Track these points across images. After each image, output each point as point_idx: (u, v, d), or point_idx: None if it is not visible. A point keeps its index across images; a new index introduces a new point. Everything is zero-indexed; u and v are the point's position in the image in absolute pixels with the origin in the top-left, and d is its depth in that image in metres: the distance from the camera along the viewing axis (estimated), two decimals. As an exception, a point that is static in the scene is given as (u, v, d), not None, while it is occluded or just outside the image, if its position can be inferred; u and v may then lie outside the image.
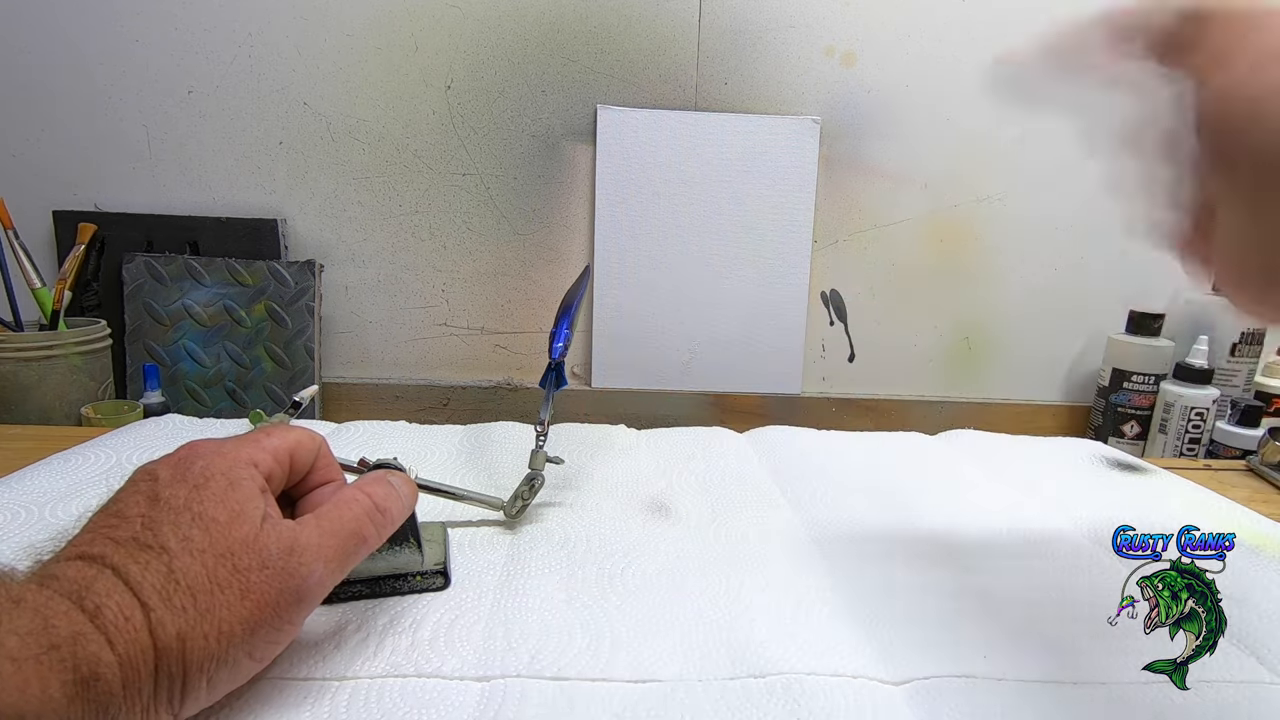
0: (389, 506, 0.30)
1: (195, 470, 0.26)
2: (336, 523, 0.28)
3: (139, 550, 0.23)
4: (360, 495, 0.29)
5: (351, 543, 0.28)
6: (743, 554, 0.39)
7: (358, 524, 0.28)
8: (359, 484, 0.30)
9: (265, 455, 0.28)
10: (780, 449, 0.55)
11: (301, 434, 0.30)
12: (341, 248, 0.89)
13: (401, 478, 0.33)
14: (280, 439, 0.29)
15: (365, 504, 0.29)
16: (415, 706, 0.27)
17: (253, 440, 0.28)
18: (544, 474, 0.41)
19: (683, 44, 0.86)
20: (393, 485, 0.31)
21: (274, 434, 0.29)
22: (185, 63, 0.83)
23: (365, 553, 0.29)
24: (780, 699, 0.28)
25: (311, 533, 0.26)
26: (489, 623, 0.32)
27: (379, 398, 0.91)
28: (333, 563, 0.27)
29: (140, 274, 0.83)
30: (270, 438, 0.29)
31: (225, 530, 0.24)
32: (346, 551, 0.27)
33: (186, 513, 0.24)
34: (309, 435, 0.31)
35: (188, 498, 0.25)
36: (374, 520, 0.29)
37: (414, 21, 0.84)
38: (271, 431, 0.30)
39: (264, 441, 0.29)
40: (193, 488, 0.25)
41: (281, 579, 0.25)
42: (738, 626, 0.32)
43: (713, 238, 0.90)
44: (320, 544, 0.26)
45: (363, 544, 0.28)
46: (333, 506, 0.28)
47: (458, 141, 0.87)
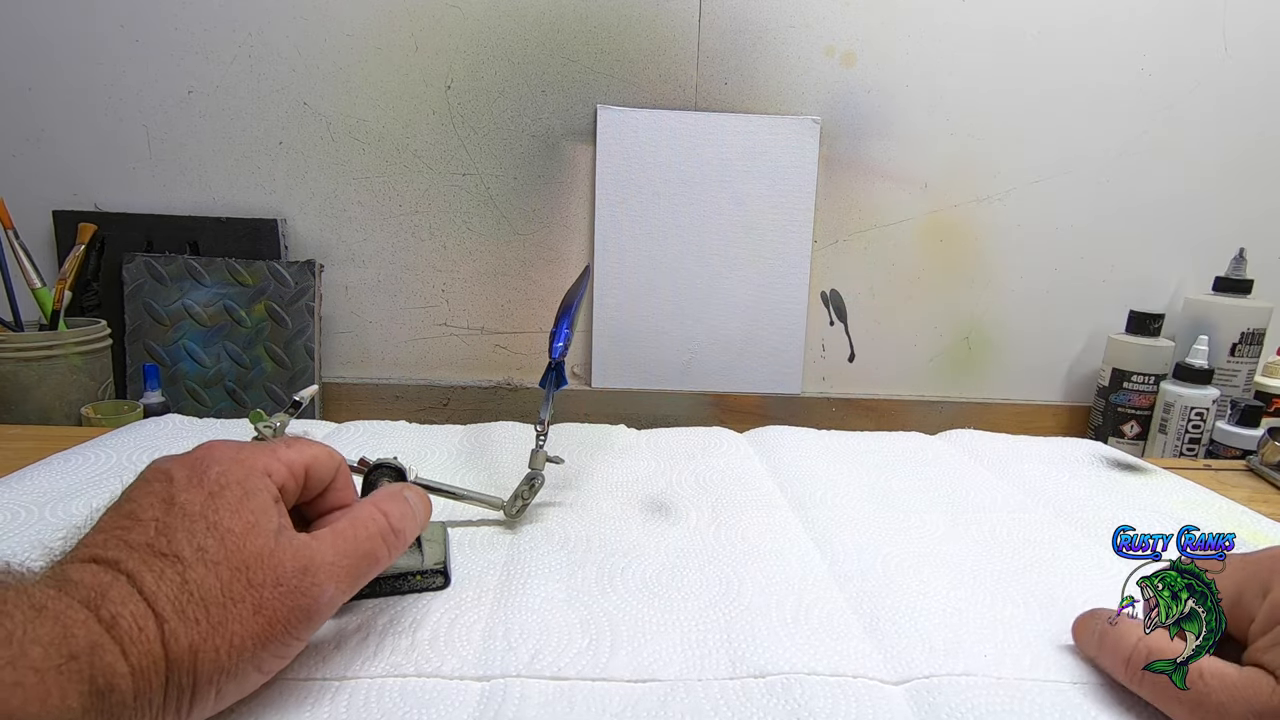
0: (404, 528, 0.30)
1: (211, 476, 0.25)
2: (351, 542, 0.27)
3: (153, 557, 0.23)
4: (377, 514, 0.29)
5: (365, 564, 0.28)
6: (743, 554, 0.39)
7: (372, 544, 0.28)
8: (375, 499, 0.30)
9: (281, 466, 0.28)
10: (780, 449, 0.55)
11: (320, 450, 0.30)
12: (341, 248, 0.89)
13: (418, 493, 0.32)
14: (298, 452, 0.29)
15: (381, 524, 0.29)
16: (415, 706, 0.27)
17: (270, 450, 0.28)
18: (544, 474, 0.41)
19: (683, 44, 0.86)
20: (409, 503, 0.31)
21: (293, 446, 0.29)
22: (185, 63, 0.83)
23: (376, 573, 0.28)
24: (780, 698, 0.28)
25: (327, 551, 0.26)
26: (489, 622, 0.32)
27: (379, 398, 0.91)
28: (344, 582, 0.26)
29: (140, 274, 0.83)
30: (289, 449, 0.29)
31: (240, 542, 0.24)
32: (359, 572, 0.27)
33: (202, 521, 0.24)
34: (328, 453, 0.30)
35: (203, 505, 0.24)
36: (388, 541, 0.29)
37: (414, 21, 0.84)
38: (291, 443, 0.29)
39: (281, 452, 0.28)
40: (208, 494, 0.25)
41: (294, 597, 0.24)
42: (738, 626, 0.32)
43: (713, 238, 0.90)
44: (334, 563, 0.26)
45: (375, 565, 0.28)
46: (349, 524, 0.28)
47: (458, 141, 0.87)
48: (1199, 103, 0.91)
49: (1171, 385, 0.87)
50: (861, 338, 0.96)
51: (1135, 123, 0.91)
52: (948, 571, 0.38)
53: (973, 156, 0.91)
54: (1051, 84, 0.90)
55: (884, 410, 0.96)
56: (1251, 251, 0.90)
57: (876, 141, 0.90)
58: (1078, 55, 0.89)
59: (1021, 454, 0.57)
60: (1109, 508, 0.47)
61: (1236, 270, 0.90)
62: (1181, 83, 0.91)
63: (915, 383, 0.98)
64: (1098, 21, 0.88)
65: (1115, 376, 0.91)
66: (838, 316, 0.95)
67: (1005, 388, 0.99)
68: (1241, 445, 0.80)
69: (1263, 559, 0.28)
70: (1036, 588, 0.37)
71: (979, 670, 0.30)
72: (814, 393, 0.96)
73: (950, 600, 0.35)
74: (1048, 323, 0.97)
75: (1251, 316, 0.89)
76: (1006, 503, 0.48)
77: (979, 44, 0.88)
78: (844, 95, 0.89)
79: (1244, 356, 0.90)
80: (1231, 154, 0.93)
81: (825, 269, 0.93)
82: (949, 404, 0.97)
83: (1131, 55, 0.89)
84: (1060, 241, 0.94)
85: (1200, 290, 0.94)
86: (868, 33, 0.87)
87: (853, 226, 0.92)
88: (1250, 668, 0.25)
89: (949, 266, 0.94)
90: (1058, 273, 0.96)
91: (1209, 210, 0.95)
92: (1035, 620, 0.34)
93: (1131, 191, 0.93)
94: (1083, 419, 0.99)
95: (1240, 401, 0.83)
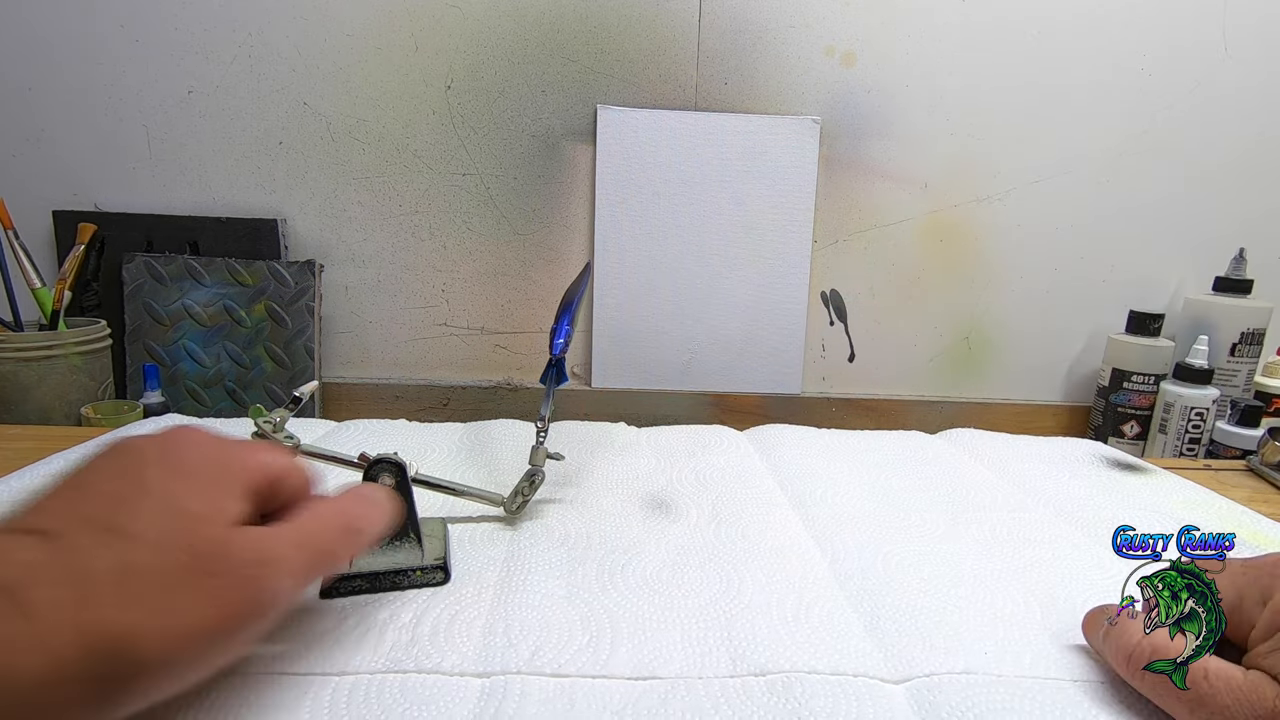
0: (365, 527, 0.29)
1: (182, 457, 0.25)
2: (309, 536, 0.26)
3: (99, 532, 0.22)
4: (338, 512, 0.28)
5: (322, 560, 0.27)
6: (743, 551, 0.39)
7: (331, 542, 0.27)
8: (339, 497, 0.29)
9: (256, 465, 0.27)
10: (781, 447, 0.55)
11: (298, 465, 0.29)
12: (341, 248, 0.89)
13: (386, 493, 0.31)
14: (273, 460, 0.28)
15: (342, 521, 0.28)
16: (415, 702, 0.27)
17: (249, 447, 0.28)
18: (544, 470, 0.41)
19: (683, 44, 0.86)
20: (371, 502, 0.30)
21: (271, 450, 0.28)
22: (185, 63, 0.83)
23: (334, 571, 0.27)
24: (781, 697, 0.28)
25: (285, 545, 0.25)
26: (489, 619, 0.32)
27: (379, 398, 0.91)
28: (300, 579, 0.26)
29: (140, 274, 0.83)
30: (265, 454, 0.28)
31: (199, 527, 0.23)
32: (315, 569, 0.26)
33: (163, 499, 0.23)
34: (301, 470, 0.29)
35: (168, 483, 0.24)
36: (348, 539, 0.28)
37: (414, 21, 0.84)
38: (270, 448, 0.28)
39: (258, 454, 0.27)
40: (174, 473, 0.24)
41: (246, 589, 0.23)
42: (738, 624, 0.32)
43: (713, 238, 0.90)
44: (292, 558, 0.25)
45: (333, 562, 0.28)
46: (310, 518, 0.27)
47: (458, 141, 0.87)
48: (1199, 103, 0.91)
49: (1171, 385, 0.87)
50: (861, 338, 0.96)
51: (1135, 123, 0.92)
52: (948, 570, 0.38)
53: (973, 156, 0.91)
54: (1052, 84, 0.90)
55: (884, 410, 0.96)
56: (1251, 251, 0.90)
57: (876, 141, 0.90)
58: (1078, 55, 0.89)
59: (1021, 454, 0.57)
60: (1109, 507, 0.47)
61: (1236, 270, 0.90)
62: (1181, 83, 0.91)
63: (915, 383, 0.98)
64: (1097, 21, 0.88)
65: (1115, 376, 0.91)
66: (838, 316, 0.95)
67: (1005, 388, 0.99)
68: (1241, 445, 0.80)
69: (1264, 565, 0.28)
70: (1036, 586, 0.37)
71: (979, 668, 0.30)
72: (814, 393, 0.96)
73: (950, 599, 0.35)
74: (1048, 323, 0.97)
75: (1251, 316, 0.89)
76: (1006, 502, 0.48)
77: (979, 43, 0.88)
78: (844, 95, 0.89)
79: (1244, 356, 0.90)
80: (1231, 154, 0.93)
81: (825, 269, 0.93)
82: (949, 404, 0.97)
83: (1131, 55, 0.89)
84: (1060, 241, 0.94)
85: (1200, 290, 0.94)
86: (868, 33, 0.87)
87: (853, 226, 0.92)
88: (1255, 671, 0.25)
89: (949, 266, 0.94)
90: (1058, 273, 0.96)
91: (1209, 210, 0.95)
92: (1035, 618, 0.34)
93: (1131, 191, 0.93)
94: (1083, 419, 0.99)
95: (1240, 401, 0.83)
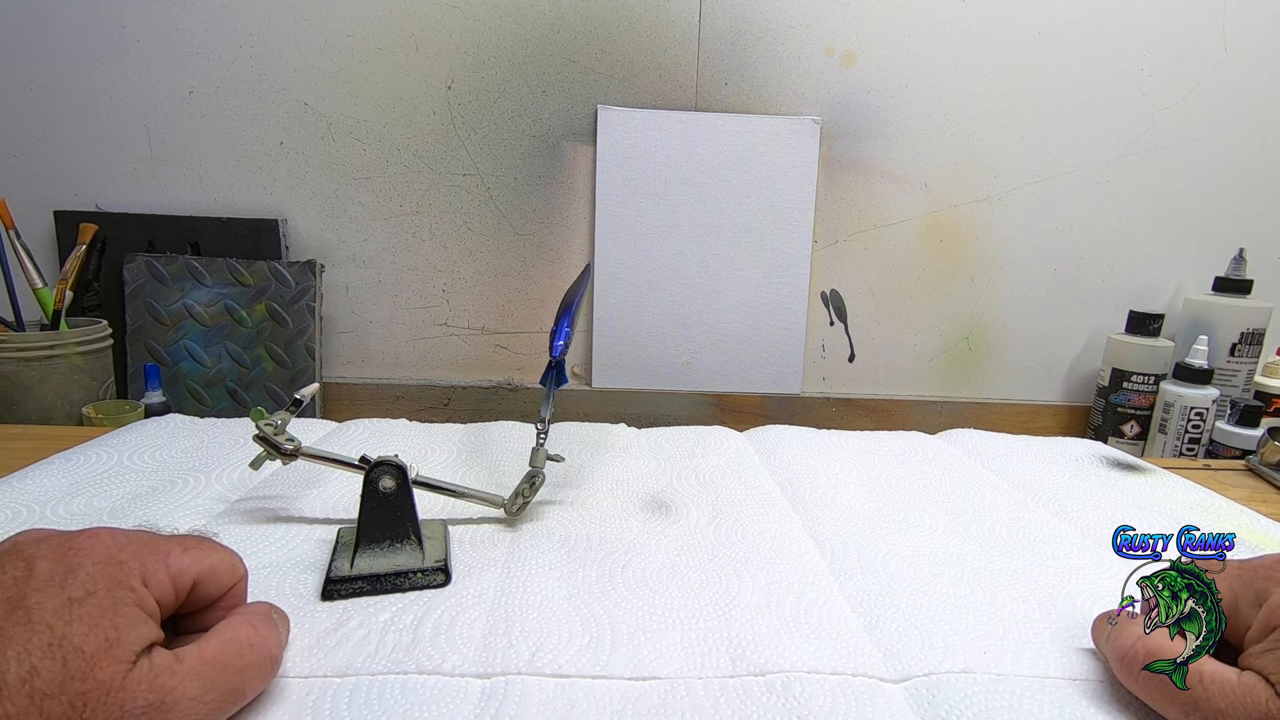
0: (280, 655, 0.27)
1: (79, 576, 0.22)
2: (221, 672, 0.23)
3: None
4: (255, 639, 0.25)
5: (230, 699, 0.24)
6: (743, 552, 0.39)
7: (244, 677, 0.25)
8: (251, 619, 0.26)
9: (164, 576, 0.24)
10: (780, 448, 0.55)
11: (222, 561, 0.26)
12: (342, 248, 0.89)
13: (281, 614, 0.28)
14: (194, 559, 0.25)
15: (260, 653, 0.25)
16: (416, 703, 0.27)
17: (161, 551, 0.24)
18: (545, 472, 0.41)
19: (683, 44, 0.86)
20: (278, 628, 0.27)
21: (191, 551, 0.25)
22: (186, 63, 0.83)
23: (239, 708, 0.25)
24: (780, 697, 0.28)
25: (189, 685, 0.22)
26: (490, 620, 0.32)
27: (380, 398, 0.91)
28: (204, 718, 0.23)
29: (141, 274, 0.83)
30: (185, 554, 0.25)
31: (87, 668, 0.20)
32: (222, 710, 0.24)
33: (47, 633, 0.20)
34: (230, 565, 0.27)
35: (56, 612, 0.21)
36: (263, 672, 0.26)
37: (414, 22, 0.84)
38: (191, 546, 0.25)
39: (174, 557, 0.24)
40: (68, 600, 0.21)
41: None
42: (738, 624, 0.32)
43: (713, 238, 0.90)
44: (196, 698, 0.22)
45: (241, 700, 0.25)
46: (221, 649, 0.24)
47: (458, 142, 0.87)
48: (1199, 103, 0.91)
49: (1171, 385, 0.87)
50: (861, 338, 0.96)
51: (1135, 122, 0.92)
52: (947, 570, 0.38)
53: (973, 156, 0.91)
54: (1052, 84, 0.90)
55: (884, 410, 0.96)
56: (1251, 251, 0.90)
57: (876, 141, 0.90)
58: (1078, 55, 0.89)
59: (1021, 454, 0.57)
60: (1109, 507, 0.47)
61: (1236, 270, 0.90)
62: (1181, 83, 0.91)
63: (915, 383, 0.98)
64: (1098, 21, 0.88)
65: (1115, 376, 0.91)
66: (838, 316, 0.95)
67: (1005, 388, 0.99)
68: (1241, 445, 0.80)
69: (1258, 566, 0.28)
70: (1036, 586, 0.37)
71: (978, 668, 0.30)
72: (814, 393, 0.96)
73: (950, 598, 0.35)
74: (1048, 323, 0.97)
75: (1251, 316, 0.89)
76: (1006, 502, 0.48)
77: (979, 44, 0.88)
78: (844, 95, 0.89)
79: (1244, 356, 0.90)
80: (1231, 154, 0.93)
81: (825, 269, 0.93)
82: (949, 404, 0.97)
83: (1131, 55, 0.89)
84: (1060, 241, 0.94)
85: (1200, 290, 0.94)
86: (868, 33, 0.87)
87: (852, 227, 0.92)
88: (1248, 673, 0.25)
89: (949, 266, 0.94)
90: (1058, 273, 0.96)
91: (1209, 210, 0.95)
92: (1035, 618, 0.34)
93: (1131, 191, 0.93)
94: (1083, 419, 0.99)
95: (1240, 401, 0.83)
